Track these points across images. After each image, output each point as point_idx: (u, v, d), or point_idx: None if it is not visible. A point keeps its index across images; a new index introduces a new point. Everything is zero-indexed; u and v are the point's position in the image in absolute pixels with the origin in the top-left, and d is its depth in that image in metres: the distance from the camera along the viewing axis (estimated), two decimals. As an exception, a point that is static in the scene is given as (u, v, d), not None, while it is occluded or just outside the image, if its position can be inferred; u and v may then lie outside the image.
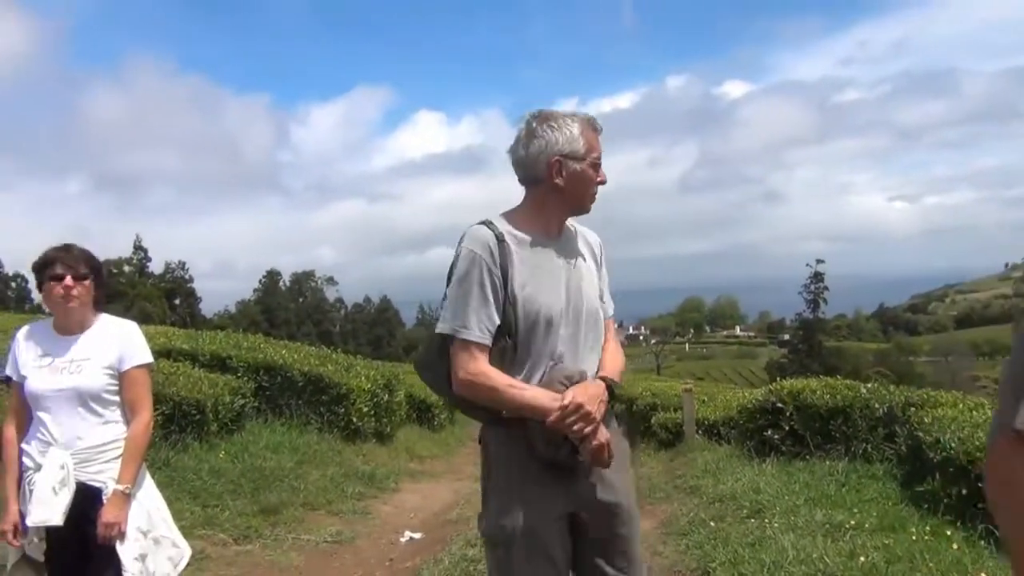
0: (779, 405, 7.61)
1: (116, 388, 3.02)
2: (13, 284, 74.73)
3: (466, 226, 2.33)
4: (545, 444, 2.22)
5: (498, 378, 2.25)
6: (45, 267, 2.96)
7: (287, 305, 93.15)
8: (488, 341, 2.26)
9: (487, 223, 2.34)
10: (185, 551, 3.16)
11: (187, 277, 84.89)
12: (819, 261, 47.87)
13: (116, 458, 2.97)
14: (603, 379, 2.31)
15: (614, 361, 2.46)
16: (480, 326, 2.26)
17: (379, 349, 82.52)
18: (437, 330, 2.32)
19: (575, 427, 2.16)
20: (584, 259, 2.46)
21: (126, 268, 77.61)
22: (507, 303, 2.27)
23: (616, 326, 2.65)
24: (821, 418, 7.31)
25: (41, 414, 2.95)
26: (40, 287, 3.00)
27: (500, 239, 2.30)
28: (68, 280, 2.93)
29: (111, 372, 3.00)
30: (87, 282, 2.99)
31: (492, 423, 2.37)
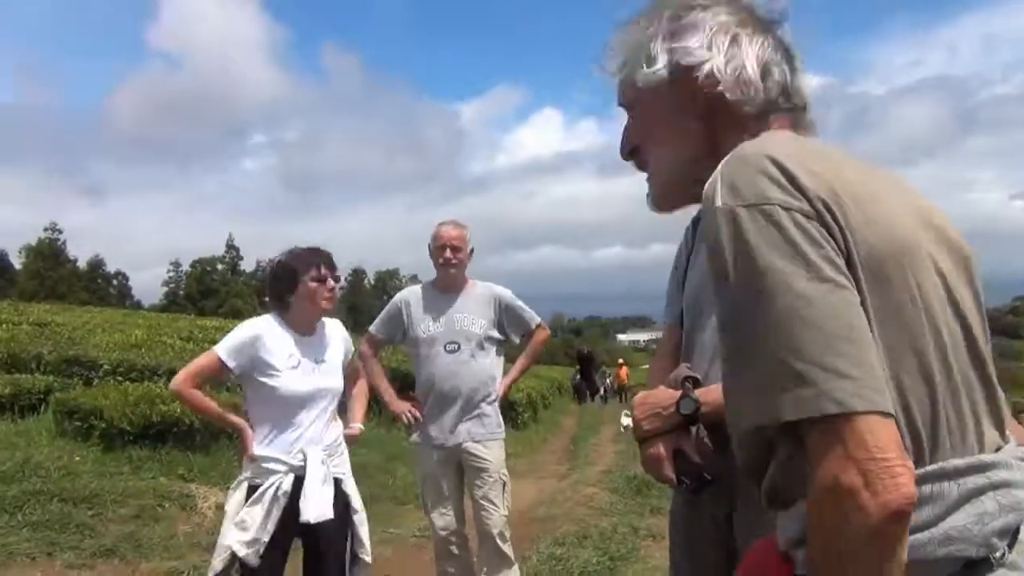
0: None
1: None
2: (115, 282, 78.18)
3: (577, 224, 2.24)
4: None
5: (655, 362, 2.17)
6: (305, 269, 3.12)
7: (371, 303, 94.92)
8: (676, 325, 2.15)
9: None
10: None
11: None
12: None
13: (343, 453, 3.26)
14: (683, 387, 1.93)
15: None
16: (669, 310, 2.19)
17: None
18: None
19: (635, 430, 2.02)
20: None
21: (219, 266, 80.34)
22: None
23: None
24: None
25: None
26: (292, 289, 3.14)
27: (697, 218, 2.10)
28: (330, 282, 3.15)
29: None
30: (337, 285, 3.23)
31: None
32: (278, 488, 2.95)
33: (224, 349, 2.99)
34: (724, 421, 1.86)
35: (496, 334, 3.99)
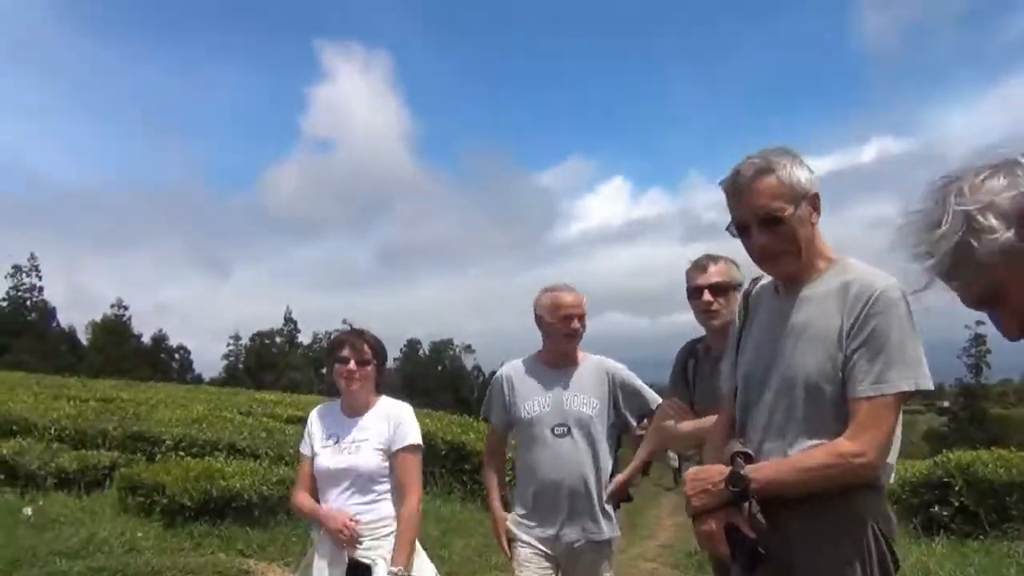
0: (946, 479, 7.09)
1: (387, 467, 3.13)
2: (177, 356, 79.85)
3: (641, 292, 2.25)
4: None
5: (711, 437, 2.21)
6: (334, 350, 3.16)
7: (427, 373, 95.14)
8: (731, 400, 2.17)
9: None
10: None
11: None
12: (979, 323, 44.48)
13: (387, 535, 3.07)
14: (733, 463, 1.94)
15: (797, 457, 1.90)
16: (728, 383, 2.20)
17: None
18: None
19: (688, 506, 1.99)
20: (820, 316, 1.93)
21: (277, 339, 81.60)
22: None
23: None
24: (996, 494, 6.75)
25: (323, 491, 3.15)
26: (330, 368, 3.18)
27: (749, 293, 2.20)
28: (352, 364, 3.10)
29: (384, 453, 3.12)
30: (369, 367, 3.14)
31: None
32: (311, 559, 3.10)
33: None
34: (776, 496, 1.87)
35: (610, 416, 3.45)
